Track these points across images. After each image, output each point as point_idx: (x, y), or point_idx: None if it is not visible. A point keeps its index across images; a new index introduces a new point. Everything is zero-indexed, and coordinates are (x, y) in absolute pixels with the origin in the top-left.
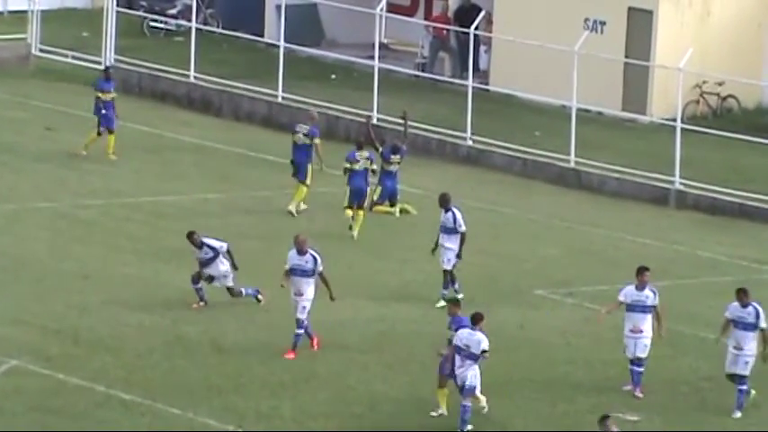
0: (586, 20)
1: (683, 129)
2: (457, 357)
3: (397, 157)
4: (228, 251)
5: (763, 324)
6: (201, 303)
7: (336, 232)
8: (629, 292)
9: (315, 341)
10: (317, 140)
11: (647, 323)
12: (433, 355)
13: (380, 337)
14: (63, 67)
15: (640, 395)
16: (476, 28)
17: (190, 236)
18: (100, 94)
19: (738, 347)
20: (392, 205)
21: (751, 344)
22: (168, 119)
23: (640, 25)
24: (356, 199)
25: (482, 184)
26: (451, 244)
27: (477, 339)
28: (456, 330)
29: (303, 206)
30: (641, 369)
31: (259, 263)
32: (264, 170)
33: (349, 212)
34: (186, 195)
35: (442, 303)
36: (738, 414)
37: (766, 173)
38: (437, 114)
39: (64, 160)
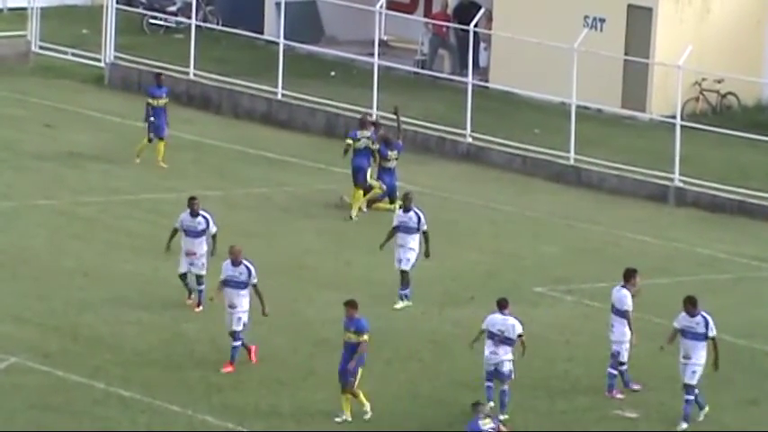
0: (586, 17)
1: (682, 126)
2: (490, 342)
3: (395, 152)
4: (214, 236)
5: (712, 333)
6: (200, 308)
7: (335, 229)
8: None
9: (252, 351)
10: (376, 145)
11: None
12: (436, 351)
13: (379, 335)
14: (63, 64)
15: (638, 387)
16: (475, 25)
17: (191, 200)
18: (150, 101)
19: (687, 357)
20: (391, 202)
21: (700, 353)
22: (168, 116)
23: (640, 22)
24: (357, 177)
25: (481, 182)
26: (413, 244)
27: (512, 324)
28: (353, 331)
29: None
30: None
31: (258, 260)
32: (264, 167)
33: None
34: (185, 192)
35: (402, 304)
36: (684, 425)
37: (766, 170)
38: (436, 111)
39: (63, 158)
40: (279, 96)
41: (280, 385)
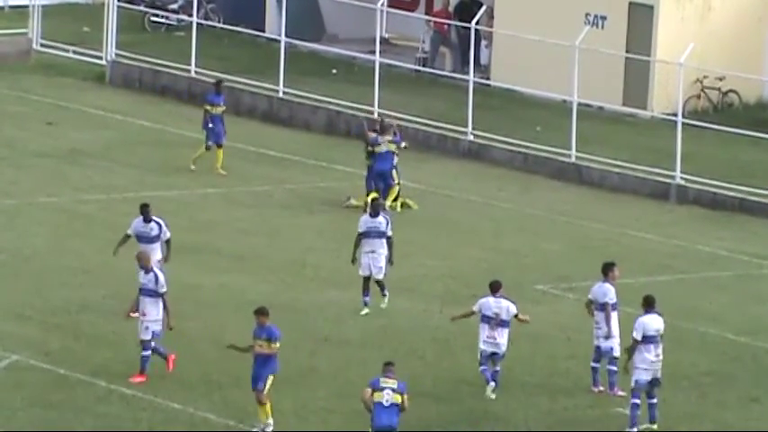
0: (587, 15)
1: (683, 124)
2: (485, 327)
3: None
4: (168, 242)
5: (633, 333)
6: (137, 313)
7: (336, 227)
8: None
9: (170, 360)
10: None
11: None
12: (437, 348)
13: (381, 332)
14: (64, 61)
15: (602, 389)
16: (477, 23)
17: (144, 206)
18: (209, 108)
19: None
20: (395, 199)
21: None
22: (169, 113)
23: (641, 20)
24: (379, 181)
25: (483, 179)
26: (383, 249)
27: (506, 306)
28: (264, 339)
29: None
30: None
31: (260, 258)
32: (265, 165)
33: (372, 195)
34: (187, 190)
35: (366, 311)
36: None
37: (767, 168)
38: (438, 109)
39: (65, 155)
40: (280, 94)
41: (281, 383)
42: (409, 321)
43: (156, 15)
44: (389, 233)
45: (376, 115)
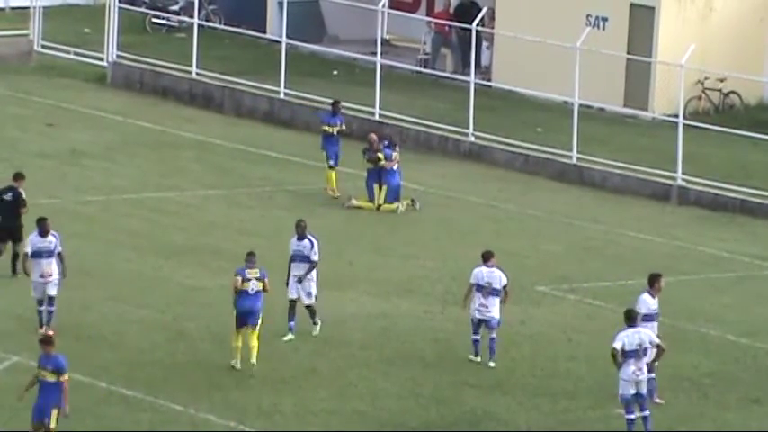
0: (588, 16)
1: (685, 125)
2: (478, 295)
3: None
4: (60, 254)
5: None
6: (43, 329)
7: (337, 228)
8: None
9: None
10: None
11: None
12: (438, 349)
13: (382, 333)
14: (65, 63)
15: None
16: (478, 24)
17: (43, 221)
18: (326, 128)
19: None
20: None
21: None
22: (170, 115)
23: (642, 21)
24: (393, 193)
25: (484, 181)
26: (311, 274)
27: (498, 276)
28: (50, 370)
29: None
30: None
31: (261, 259)
32: (266, 166)
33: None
34: (188, 191)
35: (290, 337)
36: None
37: None
38: (439, 110)
39: (65, 156)
40: (281, 95)
41: (282, 384)
42: (410, 322)
43: (157, 17)
44: (314, 258)
45: (377, 116)
